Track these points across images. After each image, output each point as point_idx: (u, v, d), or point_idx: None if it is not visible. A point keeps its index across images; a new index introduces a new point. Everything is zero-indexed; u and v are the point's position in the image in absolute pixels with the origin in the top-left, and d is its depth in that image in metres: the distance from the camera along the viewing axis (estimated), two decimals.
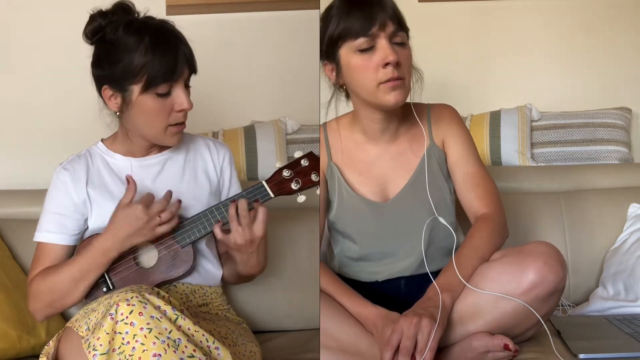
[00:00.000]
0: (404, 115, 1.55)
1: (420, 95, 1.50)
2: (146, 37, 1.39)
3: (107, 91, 1.45)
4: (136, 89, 1.41)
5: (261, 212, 1.45)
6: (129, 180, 1.45)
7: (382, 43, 1.39)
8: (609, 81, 2.38)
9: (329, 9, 1.45)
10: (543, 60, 2.40)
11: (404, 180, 1.54)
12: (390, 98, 1.41)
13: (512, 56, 2.41)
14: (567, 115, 2.29)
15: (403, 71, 1.41)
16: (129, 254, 1.46)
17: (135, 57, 1.38)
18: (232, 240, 1.44)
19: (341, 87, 1.51)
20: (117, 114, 1.47)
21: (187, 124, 1.50)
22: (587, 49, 2.39)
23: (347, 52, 1.42)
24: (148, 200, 1.42)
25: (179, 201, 1.46)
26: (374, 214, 1.53)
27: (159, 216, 1.41)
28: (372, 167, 1.55)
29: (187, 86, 1.46)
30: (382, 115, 1.50)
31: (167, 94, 1.42)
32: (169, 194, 1.46)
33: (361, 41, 1.39)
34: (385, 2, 1.41)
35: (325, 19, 1.45)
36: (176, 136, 1.48)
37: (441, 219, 1.49)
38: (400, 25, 1.42)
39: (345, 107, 1.57)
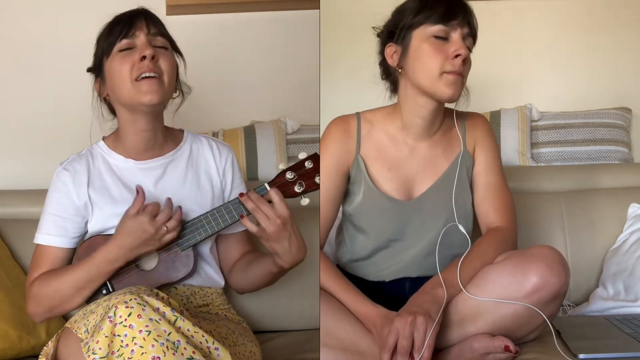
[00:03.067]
0: (444, 119, 1.56)
1: (467, 107, 1.54)
2: None
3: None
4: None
5: (273, 194, 1.42)
6: (139, 191, 1.44)
7: (457, 36, 1.42)
8: (609, 81, 2.37)
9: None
10: (543, 60, 2.39)
11: (430, 181, 1.53)
12: (449, 90, 1.42)
13: (512, 56, 2.40)
14: (567, 115, 2.29)
15: (465, 70, 1.44)
16: None
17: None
18: (266, 230, 1.41)
19: (393, 74, 1.52)
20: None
21: (188, 124, 1.50)
22: (587, 49, 2.38)
23: (421, 36, 1.44)
24: (154, 210, 1.41)
25: (180, 207, 1.46)
26: (393, 211, 1.52)
27: (166, 226, 1.41)
28: (402, 164, 1.54)
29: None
30: (428, 111, 1.49)
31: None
32: (170, 201, 1.46)
33: (438, 28, 1.42)
34: (470, 9, 1.46)
35: (403, 5, 1.49)
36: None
37: (461, 227, 1.48)
38: (474, 33, 1.45)
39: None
